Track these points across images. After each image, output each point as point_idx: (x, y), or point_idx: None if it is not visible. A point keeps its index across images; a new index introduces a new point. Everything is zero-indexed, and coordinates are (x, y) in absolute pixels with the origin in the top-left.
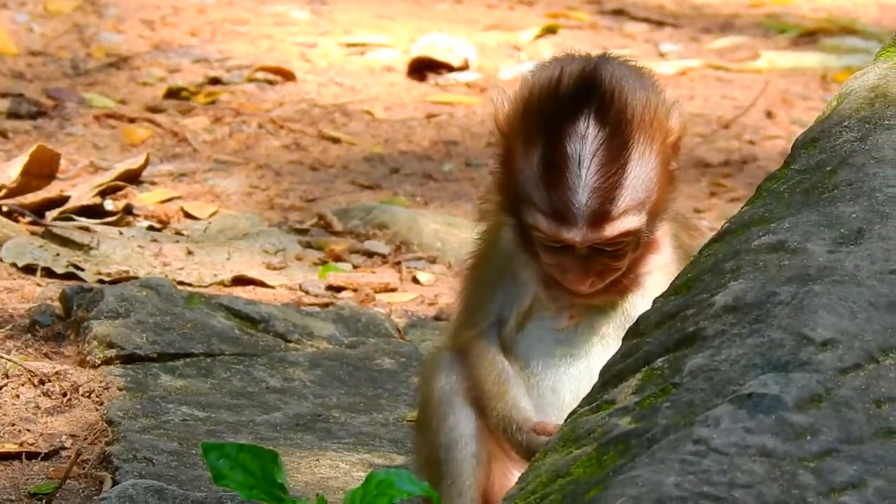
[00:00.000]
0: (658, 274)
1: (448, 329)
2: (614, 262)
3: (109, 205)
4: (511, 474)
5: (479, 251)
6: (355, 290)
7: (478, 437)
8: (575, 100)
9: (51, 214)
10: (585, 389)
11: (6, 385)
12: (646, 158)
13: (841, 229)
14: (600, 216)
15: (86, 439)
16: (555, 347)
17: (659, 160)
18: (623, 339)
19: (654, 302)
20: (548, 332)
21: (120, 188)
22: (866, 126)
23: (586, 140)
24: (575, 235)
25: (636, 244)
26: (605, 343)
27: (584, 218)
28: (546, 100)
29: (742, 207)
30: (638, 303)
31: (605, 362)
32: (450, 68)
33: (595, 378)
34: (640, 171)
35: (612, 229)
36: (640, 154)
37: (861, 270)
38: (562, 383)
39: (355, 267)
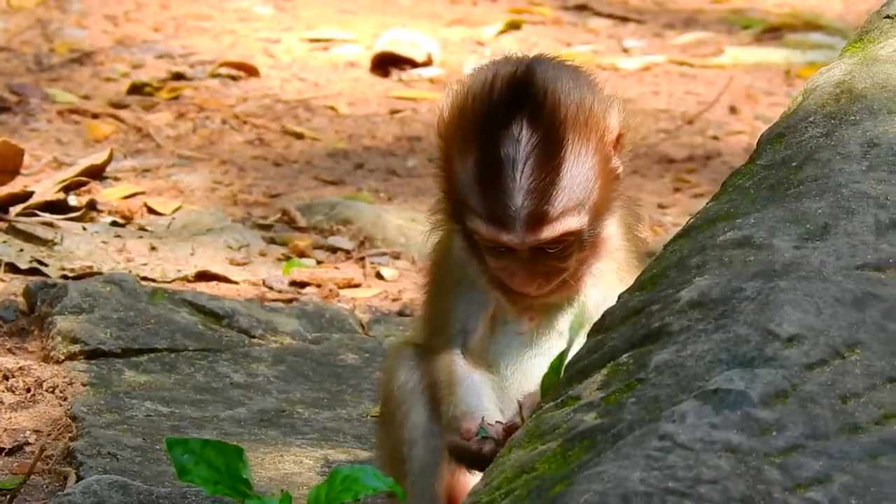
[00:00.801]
0: (610, 265)
1: (412, 326)
2: (560, 263)
3: (73, 200)
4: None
5: (434, 261)
6: (319, 286)
7: (440, 435)
8: (507, 103)
9: (14, 210)
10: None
11: None
12: (582, 158)
13: (807, 225)
14: (538, 218)
15: (50, 435)
16: (521, 350)
17: (597, 159)
18: (588, 335)
19: (619, 297)
20: (512, 336)
21: (84, 184)
22: (832, 122)
23: (520, 143)
24: (514, 238)
25: (580, 244)
26: (564, 337)
27: (521, 221)
28: (479, 104)
29: (707, 203)
30: (593, 295)
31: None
32: (413, 64)
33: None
34: (577, 172)
35: (552, 231)
36: (575, 154)
37: (827, 266)
38: (530, 384)
39: (319, 262)
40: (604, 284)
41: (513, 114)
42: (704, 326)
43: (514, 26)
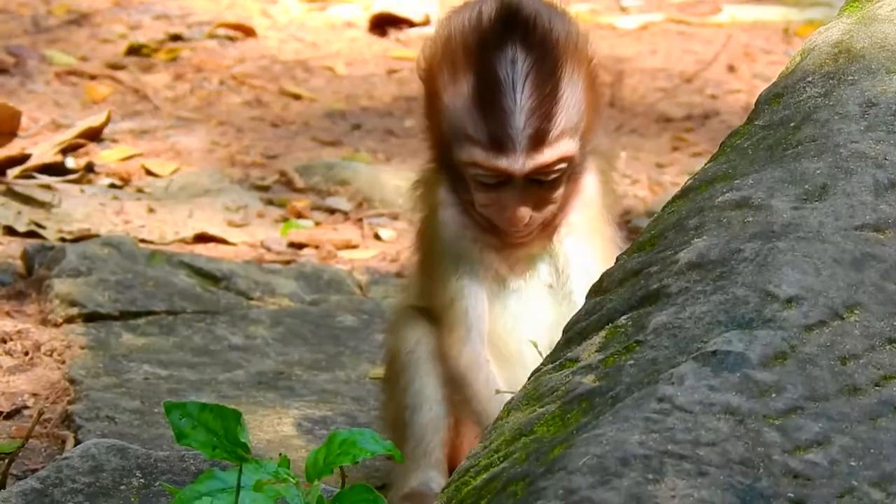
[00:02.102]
0: (585, 216)
1: (407, 287)
2: (550, 193)
3: (71, 162)
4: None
5: (427, 239)
6: (317, 247)
7: (444, 401)
8: (499, 28)
9: (12, 172)
10: (543, 340)
11: None
12: (574, 81)
13: (805, 185)
14: (539, 140)
15: (48, 398)
16: (511, 308)
17: (585, 84)
18: (586, 297)
19: (618, 259)
20: (503, 295)
21: (81, 146)
22: (830, 82)
23: (516, 65)
24: (514, 163)
25: (570, 174)
26: (553, 292)
27: (522, 143)
28: (470, 33)
29: (706, 164)
30: (568, 244)
31: (555, 310)
32: (411, 24)
33: (551, 327)
34: (571, 94)
35: (552, 153)
36: (569, 77)
37: (825, 227)
38: (522, 340)
39: (317, 224)
40: (578, 233)
41: (506, 38)
42: (703, 288)
43: None
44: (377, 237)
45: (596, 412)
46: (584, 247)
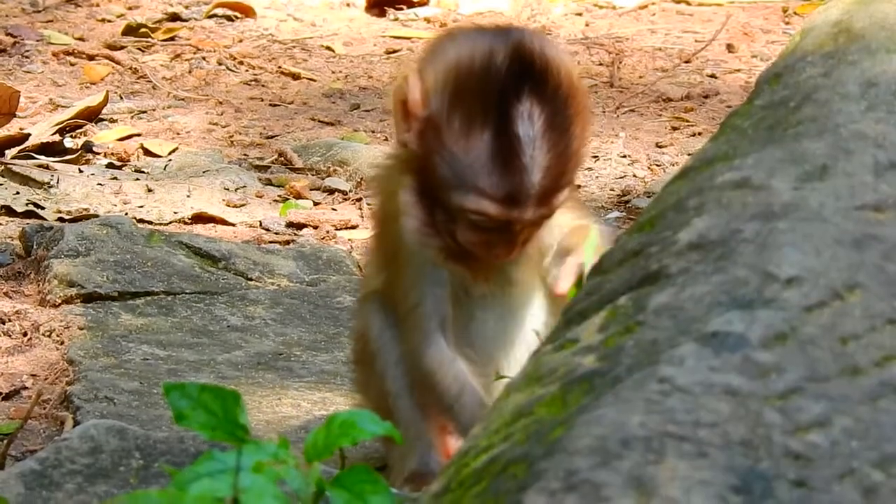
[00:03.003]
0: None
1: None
2: (539, 228)
3: (69, 142)
4: None
5: (386, 234)
6: (316, 228)
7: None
8: (515, 78)
9: (10, 153)
10: (521, 338)
11: None
12: (578, 127)
13: (805, 166)
14: (549, 193)
15: (46, 379)
16: (481, 312)
17: (582, 124)
18: (587, 277)
19: (618, 239)
20: (475, 302)
21: (79, 126)
22: (830, 62)
23: (533, 120)
24: (522, 214)
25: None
26: (523, 287)
27: (534, 197)
28: (482, 79)
29: (705, 144)
30: (550, 235)
31: (528, 303)
32: (409, 3)
33: (525, 323)
34: (579, 143)
35: (558, 201)
36: (576, 126)
37: (826, 207)
38: (499, 342)
39: (316, 204)
40: (548, 228)
41: (521, 90)
42: (703, 268)
43: None
44: None
45: (596, 393)
46: (552, 230)
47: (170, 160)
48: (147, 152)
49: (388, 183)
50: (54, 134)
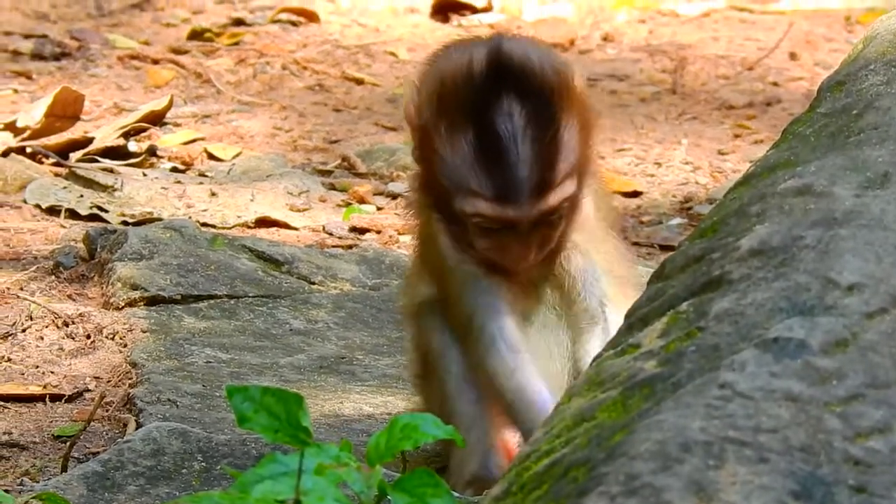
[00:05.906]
0: (585, 235)
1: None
2: (553, 231)
3: (133, 146)
4: None
5: (430, 252)
6: (379, 232)
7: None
8: (492, 80)
9: (75, 156)
10: (560, 357)
11: (30, 327)
12: (570, 122)
13: (867, 173)
14: (542, 187)
15: (109, 381)
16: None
17: (579, 121)
18: (648, 283)
19: (680, 245)
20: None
21: (144, 129)
22: (892, 70)
23: (514, 117)
24: (520, 212)
25: (570, 209)
26: (559, 311)
27: (527, 192)
28: (462, 87)
29: (767, 151)
30: (573, 257)
31: (565, 327)
32: (473, 9)
33: (564, 344)
34: (569, 136)
35: (556, 197)
36: (565, 119)
37: (887, 214)
38: (539, 359)
39: (379, 208)
40: (580, 253)
41: (500, 90)
42: (764, 275)
43: None
44: None
45: (657, 398)
46: (590, 261)
47: (233, 164)
48: (211, 156)
49: (418, 210)
50: (118, 137)
